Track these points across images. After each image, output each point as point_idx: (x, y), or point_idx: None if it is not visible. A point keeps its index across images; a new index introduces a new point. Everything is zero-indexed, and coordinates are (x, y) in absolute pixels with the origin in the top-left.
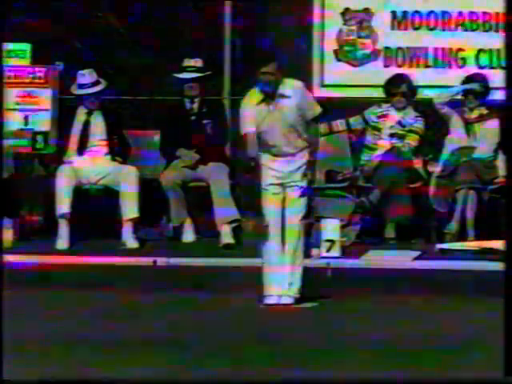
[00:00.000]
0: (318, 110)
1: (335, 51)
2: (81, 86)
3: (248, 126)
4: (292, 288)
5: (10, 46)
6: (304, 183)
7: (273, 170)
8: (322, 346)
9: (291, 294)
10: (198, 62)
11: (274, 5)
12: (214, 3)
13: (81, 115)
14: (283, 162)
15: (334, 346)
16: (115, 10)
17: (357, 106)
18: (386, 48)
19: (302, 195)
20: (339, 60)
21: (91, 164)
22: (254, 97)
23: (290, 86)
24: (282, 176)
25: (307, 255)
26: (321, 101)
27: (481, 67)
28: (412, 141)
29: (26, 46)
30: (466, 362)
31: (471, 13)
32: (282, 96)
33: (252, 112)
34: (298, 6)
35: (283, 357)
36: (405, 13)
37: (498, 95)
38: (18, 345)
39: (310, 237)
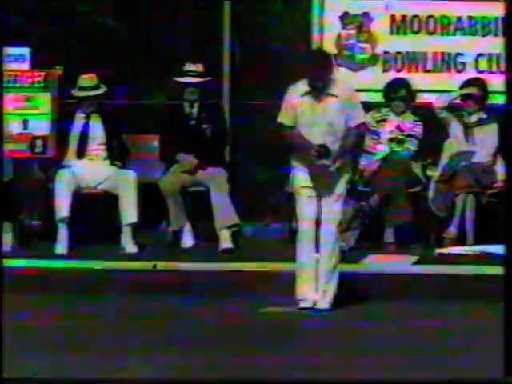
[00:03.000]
0: (361, 118)
1: (334, 56)
2: (81, 89)
3: (283, 118)
4: (328, 293)
5: (9, 49)
6: (341, 187)
7: (307, 173)
8: (321, 350)
9: (327, 299)
10: (198, 67)
11: (273, 10)
12: (214, 8)
13: (80, 119)
14: (317, 166)
15: (333, 350)
16: (115, 15)
17: None
18: (385, 52)
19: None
20: (338, 65)
21: (90, 168)
22: (301, 87)
23: (341, 87)
24: (318, 180)
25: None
26: None
27: (480, 71)
28: (411, 145)
29: (25, 50)
30: (466, 364)
31: (470, 17)
32: (330, 94)
33: (293, 103)
34: (297, 10)
35: (282, 360)
36: (404, 17)
37: (497, 100)
38: (18, 348)
39: None
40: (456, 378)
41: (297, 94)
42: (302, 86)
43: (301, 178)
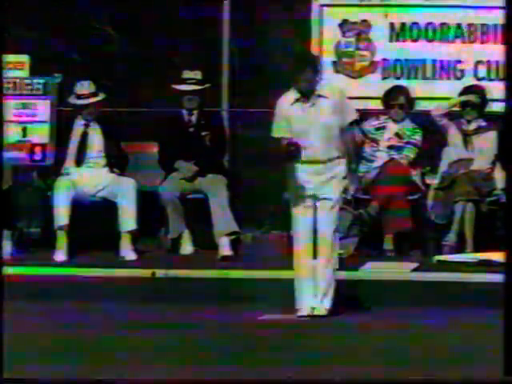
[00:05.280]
0: (353, 115)
1: (334, 63)
2: (79, 97)
3: (278, 131)
4: (325, 300)
5: (9, 57)
6: (337, 195)
7: (304, 181)
8: (320, 357)
9: (325, 306)
10: (197, 75)
11: (272, 17)
12: (213, 16)
13: (79, 127)
14: (314, 173)
15: (332, 356)
16: (114, 23)
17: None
18: (384, 60)
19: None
20: (338, 72)
21: (89, 176)
22: (290, 96)
23: (328, 88)
24: (313, 187)
25: None
26: None
27: (479, 79)
28: (410, 153)
29: (24, 58)
30: (466, 365)
31: (469, 25)
32: (319, 96)
33: (286, 113)
34: (296, 18)
35: (282, 366)
36: (403, 25)
37: (496, 107)
38: (17, 353)
39: None
40: (456, 378)
41: (287, 103)
42: (291, 94)
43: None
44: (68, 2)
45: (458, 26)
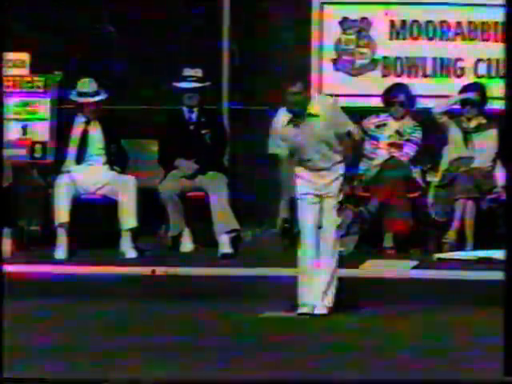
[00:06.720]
0: (348, 125)
1: (334, 60)
2: (80, 95)
3: (273, 148)
4: (326, 298)
5: (9, 55)
6: (340, 195)
7: (308, 181)
8: (319, 356)
9: (325, 303)
10: (197, 72)
11: (272, 15)
12: (213, 14)
13: (79, 124)
14: (318, 176)
15: (332, 354)
16: (114, 21)
17: (355, 116)
18: (385, 57)
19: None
20: (338, 69)
21: (90, 173)
22: (282, 118)
23: (319, 104)
24: (317, 187)
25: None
26: None
27: (479, 77)
28: (410, 150)
29: (25, 56)
30: (466, 365)
31: (469, 22)
32: (311, 115)
33: (280, 133)
34: (296, 15)
35: (282, 364)
36: (403, 22)
37: (497, 104)
38: (18, 351)
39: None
40: (456, 378)
41: (281, 124)
42: (283, 115)
43: (302, 184)
44: (68, 1)
45: (459, 23)
